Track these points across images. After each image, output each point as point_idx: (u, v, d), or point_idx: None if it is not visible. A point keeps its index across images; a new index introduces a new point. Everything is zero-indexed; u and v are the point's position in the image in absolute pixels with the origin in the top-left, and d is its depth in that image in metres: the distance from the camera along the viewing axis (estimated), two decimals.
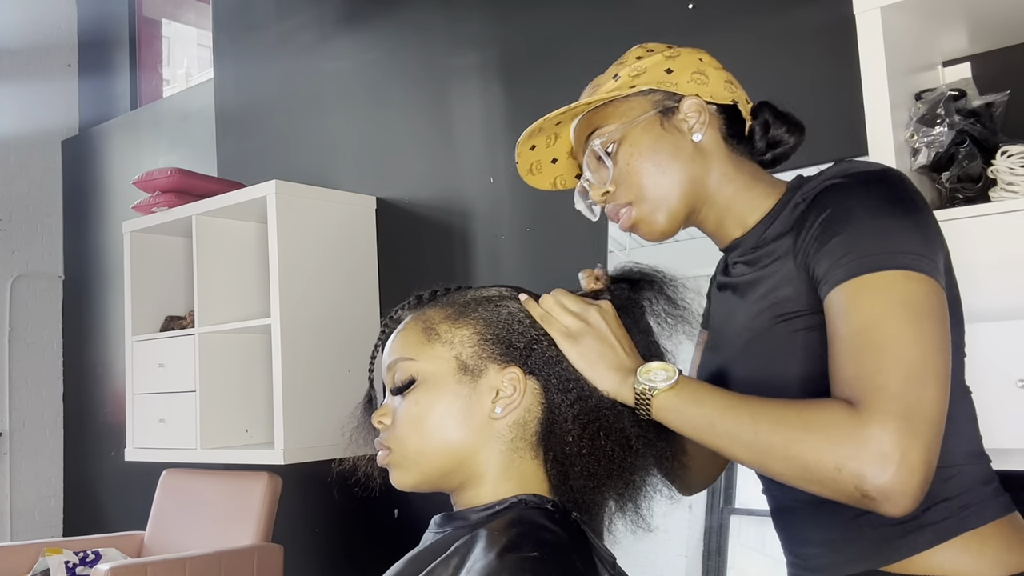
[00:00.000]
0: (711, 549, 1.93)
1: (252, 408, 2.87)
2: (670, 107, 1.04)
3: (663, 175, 1.03)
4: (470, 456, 0.91)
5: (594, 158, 1.07)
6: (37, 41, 4.39)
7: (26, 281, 4.22)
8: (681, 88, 1.04)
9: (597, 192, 1.08)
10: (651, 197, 1.04)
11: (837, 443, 0.80)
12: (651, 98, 1.05)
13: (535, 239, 2.48)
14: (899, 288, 0.85)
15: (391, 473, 0.94)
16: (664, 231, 1.06)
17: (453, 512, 0.93)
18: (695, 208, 1.06)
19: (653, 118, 1.04)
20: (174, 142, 3.86)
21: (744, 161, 1.07)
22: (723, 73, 1.08)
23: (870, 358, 0.83)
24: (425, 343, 0.93)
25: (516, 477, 0.91)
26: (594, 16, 2.39)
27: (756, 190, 1.05)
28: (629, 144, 1.04)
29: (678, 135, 1.04)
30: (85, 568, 2.86)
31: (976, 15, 1.51)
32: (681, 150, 1.04)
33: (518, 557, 0.80)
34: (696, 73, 1.05)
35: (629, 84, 1.05)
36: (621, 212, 1.06)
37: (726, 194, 1.05)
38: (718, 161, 1.05)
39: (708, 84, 1.05)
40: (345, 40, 3.08)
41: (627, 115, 1.05)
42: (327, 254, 2.74)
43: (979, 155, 1.44)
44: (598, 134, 1.06)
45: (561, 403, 0.92)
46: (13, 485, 4.06)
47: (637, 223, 1.06)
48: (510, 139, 2.57)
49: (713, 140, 1.05)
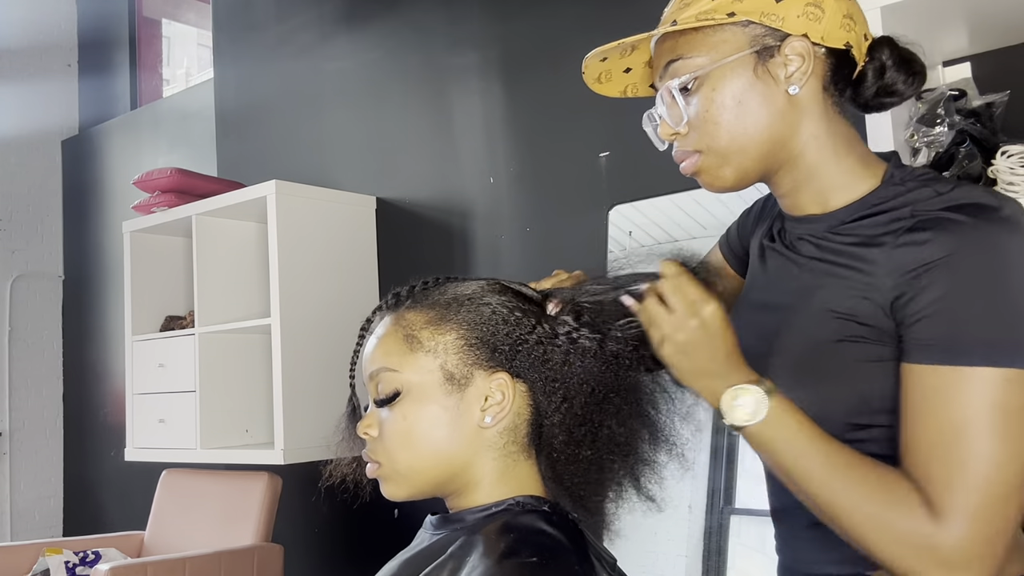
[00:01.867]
0: (711, 549, 1.92)
1: (252, 408, 2.86)
2: (770, 47, 0.89)
3: (743, 130, 0.90)
4: (463, 467, 0.89)
5: (669, 95, 0.93)
6: (37, 41, 4.39)
7: (26, 281, 4.22)
8: (788, 24, 0.88)
9: (667, 130, 0.95)
10: (724, 151, 0.91)
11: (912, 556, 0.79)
12: (750, 31, 0.89)
13: (535, 239, 2.48)
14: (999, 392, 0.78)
15: (382, 486, 0.91)
16: (729, 188, 0.95)
17: (449, 514, 0.92)
18: (771, 169, 0.94)
19: (747, 59, 0.89)
20: (174, 142, 3.86)
21: (840, 120, 0.93)
22: (844, 4, 0.90)
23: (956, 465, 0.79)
24: (408, 352, 0.89)
25: (512, 480, 0.90)
26: (594, 16, 2.39)
27: (846, 164, 0.92)
28: (712, 86, 0.90)
29: (771, 84, 0.89)
30: (85, 568, 2.86)
31: (976, 15, 1.51)
32: (771, 103, 0.90)
33: (517, 563, 0.79)
34: (810, 5, 0.88)
35: (727, 9, 0.88)
36: (688, 157, 0.95)
37: (810, 160, 0.92)
38: (811, 119, 0.91)
39: (822, 21, 0.88)
40: (345, 40, 3.08)
41: (717, 48, 0.90)
42: (327, 254, 2.74)
43: (979, 155, 1.44)
44: (679, 67, 0.92)
45: (549, 404, 0.89)
46: (13, 485, 4.06)
47: (701, 172, 0.95)
48: (510, 139, 2.57)
49: (811, 93, 0.90)
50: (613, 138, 2.31)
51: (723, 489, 1.93)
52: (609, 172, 2.32)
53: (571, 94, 2.42)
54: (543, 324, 0.91)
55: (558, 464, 0.90)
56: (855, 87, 0.94)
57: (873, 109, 0.96)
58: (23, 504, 4.09)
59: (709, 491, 1.92)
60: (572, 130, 2.41)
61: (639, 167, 2.25)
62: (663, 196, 2.11)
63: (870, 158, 0.94)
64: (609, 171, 2.32)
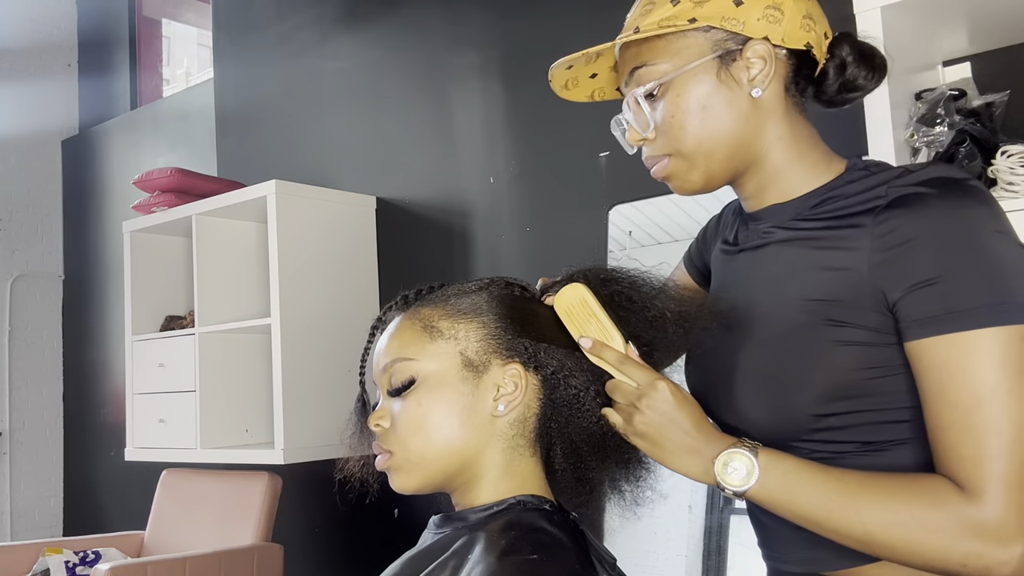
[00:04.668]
0: (711, 549, 1.92)
1: (252, 408, 2.87)
2: (732, 51, 0.90)
3: (709, 133, 0.91)
4: (473, 456, 0.90)
5: (635, 102, 0.95)
6: (37, 41, 4.39)
7: (26, 281, 4.22)
8: (748, 28, 0.89)
9: (634, 136, 0.97)
10: (691, 155, 0.92)
11: (960, 541, 0.78)
12: (711, 37, 0.90)
13: (535, 239, 2.48)
14: (1009, 351, 0.78)
15: (392, 477, 0.92)
16: (699, 190, 0.96)
17: (452, 513, 0.93)
18: (738, 170, 0.94)
19: (709, 64, 0.90)
20: (174, 142, 3.86)
21: (802, 120, 0.94)
22: (804, 4, 0.91)
23: (984, 439, 0.78)
24: (427, 341, 0.91)
25: (516, 477, 0.91)
26: (594, 16, 2.39)
27: (809, 161, 0.93)
28: (677, 92, 0.91)
29: (734, 87, 0.90)
30: (85, 568, 2.86)
31: (976, 15, 1.51)
32: (735, 106, 0.91)
33: (518, 560, 0.79)
34: (770, 8, 0.89)
35: (689, 15, 0.89)
36: (657, 161, 0.96)
37: (775, 160, 0.93)
38: (774, 120, 0.92)
39: (782, 23, 0.89)
40: (345, 40, 3.08)
41: (680, 55, 0.91)
42: (327, 254, 2.74)
43: (979, 155, 1.44)
44: (643, 74, 0.93)
45: (561, 398, 0.90)
46: (13, 485, 4.06)
47: (671, 177, 0.96)
48: (510, 139, 2.57)
49: (774, 94, 0.91)
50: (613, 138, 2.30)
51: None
52: (609, 172, 2.32)
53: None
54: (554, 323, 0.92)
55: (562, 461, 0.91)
56: (817, 85, 0.95)
57: (836, 104, 0.97)
58: (23, 504, 4.09)
59: (709, 491, 1.93)
60: (572, 130, 2.41)
61: (639, 167, 2.23)
62: (663, 196, 2.11)
63: (831, 155, 0.96)
64: (609, 171, 2.32)
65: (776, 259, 0.94)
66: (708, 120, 0.91)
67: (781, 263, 0.93)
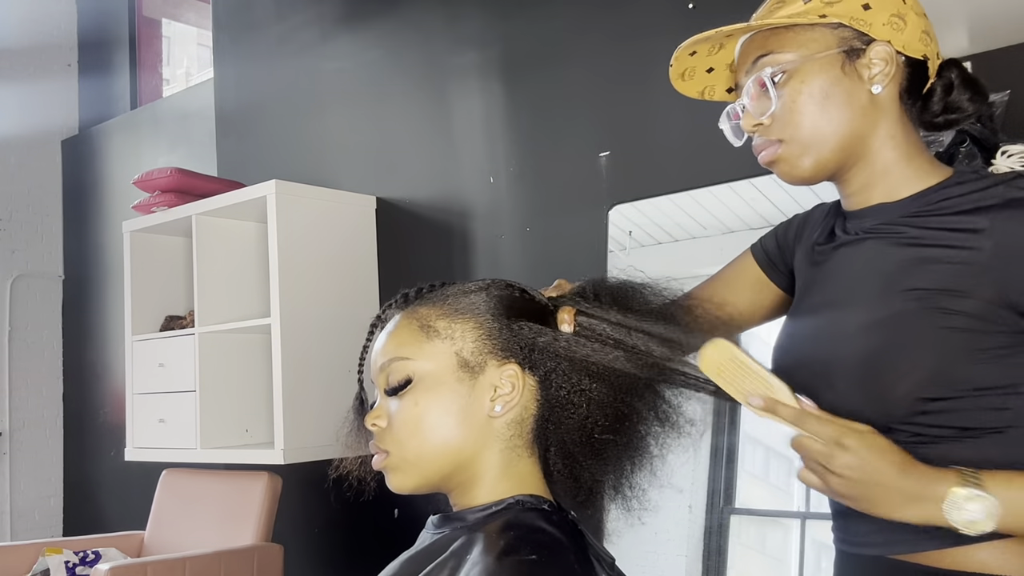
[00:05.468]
0: (711, 549, 1.92)
1: (252, 408, 2.86)
2: (856, 48, 0.95)
3: (827, 121, 0.95)
4: (470, 457, 0.90)
5: (758, 85, 0.98)
6: (37, 41, 4.39)
7: (26, 281, 4.22)
8: (875, 30, 0.95)
9: (749, 121, 0.99)
10: (806, 141, 0.96)
11: None
12: (839, 33, 0.95)
13: (535, 239, 2.48)
14: None
15: (389, 477, 0.91)
16: (806, 179, 0.99)
17: (450, 513, 0.92)
18: (847, 164, 0.98)
19: (835, 57, 0.95)
20: (174, 142, 3.86)
21: (912, 127, 0.99)
22: (923, 21, 0.98)
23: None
24: (424, 341, 0.91)
25: (514, 477, 0.90)
26: (594, 16, 2.39)
27: (916, 164, 0.97)
28: (801, 79, 0.95)
29: (856, 82, 0.95)
30: (85, 568, 2.86)
31: (976, 15, 1.51)
32: (854, 99, 0.95)
33: (516, 560, 0.79)
34: (895, 16, 0.95)
35: (819, 11, 0.95)
36: (768, 146, 0.99)
37: (885, 158, 0.97)
38: (888, 120, 0.97)
39: (904, 31, 0.95)
40: (345, 40, 3.08)
41: (807, 46, 0.96)
42: (327, 254, 2.74)
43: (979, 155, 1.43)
44: (769, 60, 0.97)
45: (558, 399, 0.90)
46: (13, 485, 4.06)
47: (779, 161, 0.99)
48: (510, 139, 2.57)
49: (890, 95, 0.97)
50: (613, 138, 2.31)
51: (723, 489, 1.93)
52: (609, 172, 2.32)
53: (571, 94, 2.42)
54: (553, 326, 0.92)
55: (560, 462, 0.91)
56: (924, 101, 1.00)
57: (936, 128, 1.02)
58: (23, 504, 4.09)
59: (709, 491, 1.92)
60: (572, 130, 2.41)
61: (639, 167, 2.24)
62: (663, 196, 2.11)
63: (937, 162, 1.00)
64: (609, 171, 2.32)
65: (880, 254, 0.96)
66: (828, 108, 0.95)
67: (886, 258, 0.95)
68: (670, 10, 2.22)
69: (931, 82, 0.99)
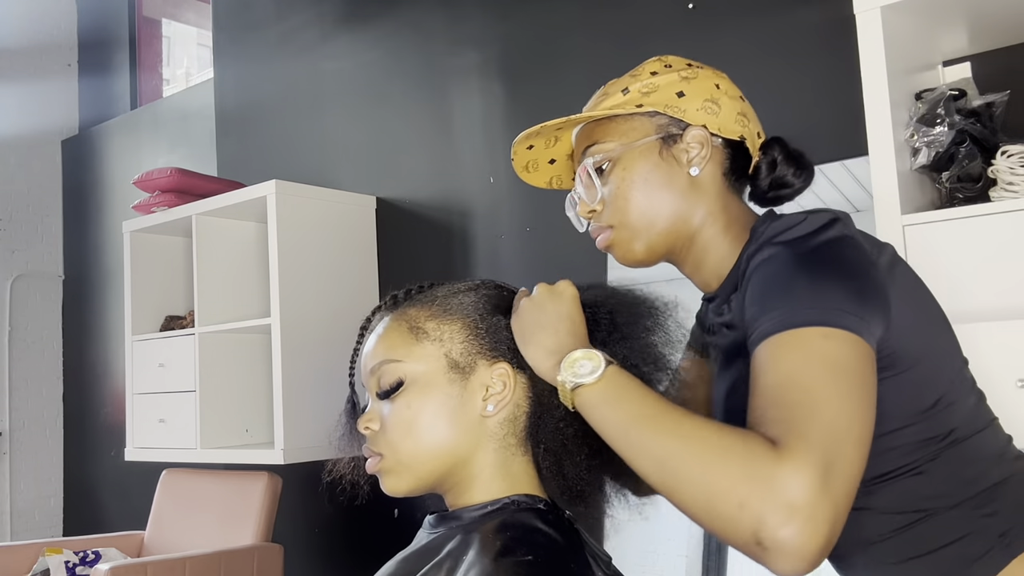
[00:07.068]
0: (711, 549, 1.93)
1: (252, 408, 2.87)
2: (673, 134, 1.00)
3: (650, 206, 1.00)
4: (464, 457, 0.90)
5: (585, 174, 1.03)
6: (37, 41, 4.39)
7: (26, 281, 4.22)
8: (688, 116, 1.00)
9: (584, 208, 1.05)
10: (633, 225, 1.01)
11: (748, 478, 0.73)
12: (656, 121, 1.01)
13: (535, 239, 2.48)
14: (817, 345, 0.80)
15: (383, 480, 0.91)
16: (639, 261, 1.03)
17: (446, 512, 0.92)
18: (676, 246, 1.02)
19: (653, 144, 1.00)
20: (174, 142, 3.86)
21: (733, 200, 1.03)
22: (738, 103, 1.03)
23: (794, 407, 0.77)
24: (413, 343, 0.91)
25: (509, 477, 0.90)
26: (594, 16, 2.39)
27: (730, 236, 1.01)
28: (623, 168, 1.00)
29: (675, 165, 1.00)
30: (85, 568, 2.86)
31: (976, 15, 1.51)
32: (674, 182, 1.00)
33: (513, 561, 0.79)
34: (708, 101, 1.00)
35: (636, 102, 1.00)
36: (602, 231, 1.04)
37: (706, 236, 1.01)
38: (708, 198, 1.01)
39: (719, 115, 1.00)
40: (345, 40, 3.08)
41: (628, 135, 1.01)
42: (327, 254, 2.74)
43: (979, 155, 1.43)
44: (595, 150, 1.03)
45: (550, 397, 0.90)
46: (13, 485, 4.06)
47: (613, 246, 1.03)
48: (510, 139, 2.56)
49: (711, 175, 1.01)
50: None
51: None
52: None
53: (571, 94, 2.41)
54: None
55: (555, 455, 0.91)
56: (752, 180, 1.05)
57: (769, 203, 1.06)
58: (23, 504, 4.09)
59: None
60: None
61: None
62: None
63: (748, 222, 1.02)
64: None
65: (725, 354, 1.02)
66: (650, 192, 1.00)
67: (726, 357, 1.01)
68: (670, 10, 2.22)
69: (756, 160, 1.04)
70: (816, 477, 0.72)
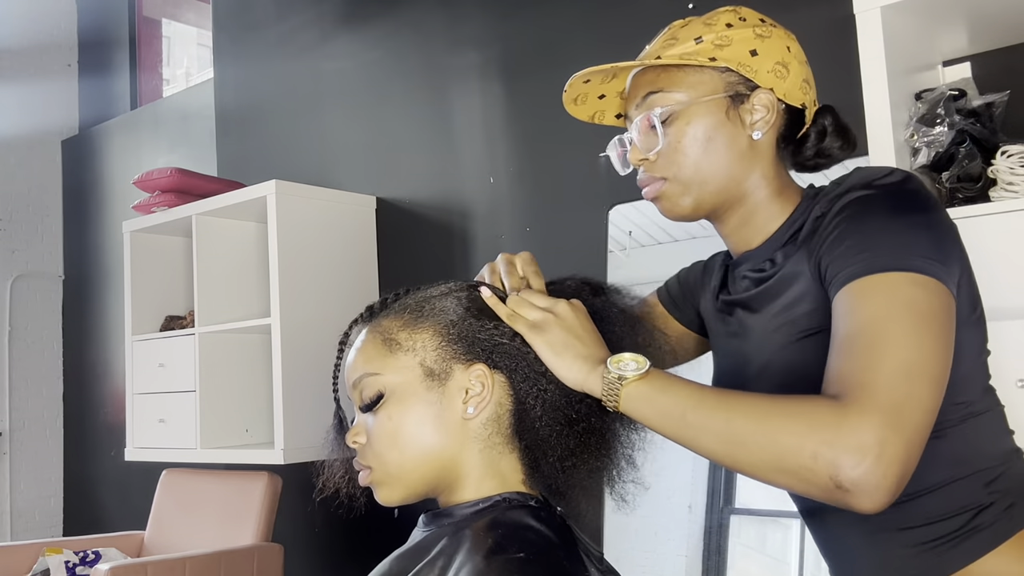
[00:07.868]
0: (711, 549, 1.92)
1: (252, 408, 2.87)
2: (741, 94, 0.98)
3: (708, 164, 0.98)
4: (451, 460, 0.90)
5: (646, 123, 1.01)
6: (37, 41, 4.39)
7: (26, 281, 4.22)
8: (760, 78, 0.98)
9: (636, 155, 1.03)
10: (687, 181, 0.99)
11: (816, 430, 0.76)
12: (725, 78, 0.98)
13: (535, 239, 2.48)
14: (905, 290, 0.82)
15: (376, 491, 0.93)
16: (685, 216, 1.03)
17: (439, 510, 0.93)
18: (723, 205, 1.02)
19: (721, 101, 0.98)
20: (174, 142, 3.86)
21: (781, 165, 1.03)
22: (804, 69, 1.01)
23: (863, 355, 0.80)
24: (387, 354, 0.91)
25: (498, 475, 0.91)
26: (594, 15, 2.39)
27: (781, 198, 1.02)
28: (687, 121, 0.98)
29: (739, 126, 0.98)
30: (85, 568, 2.86)
31: (976, 15, 1.51)
32: (736, 143, 0.99)
33: (504, 559, 0.80)
34: (779, 64, 0.98)
35: (709, 54, 0.98)
36: (652, 183, 1.02)
37: (756, 198, 1.01)
38: (764, 163, 1.00)
39: (786, 80, 0.99)
40: (345, 40, 3.08)
41: (696, 88, 0.98)
42: (327, 254, 2.74)
43: (979, 155, 1.44)
44: (659, 99, 1.00)
45: (529, 392, 0.90)
46: (13, 485, 4.06)
47: (661, 198, 1.02)
48: (510, 139, 2.57)
49: (768, 141, 1.01)
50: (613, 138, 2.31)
51: (723, 489, 1.93)
52: (609, 172, 2.30)
53: None
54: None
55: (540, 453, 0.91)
56: (797, 146, 1.04)
57: (806, 169, 1.06)
58: (23, 504, 4.09)
59: (709, 491, 1.92)
60: (572, 130, 2.40)
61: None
62: None
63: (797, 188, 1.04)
64: (609, 171, 2.30)
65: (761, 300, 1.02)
66: (710, 150, 0.98)
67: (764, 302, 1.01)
68: (670, 10, 2.22)
69: (806, 127, 1.03)
70: (882, 417, 0.75)
